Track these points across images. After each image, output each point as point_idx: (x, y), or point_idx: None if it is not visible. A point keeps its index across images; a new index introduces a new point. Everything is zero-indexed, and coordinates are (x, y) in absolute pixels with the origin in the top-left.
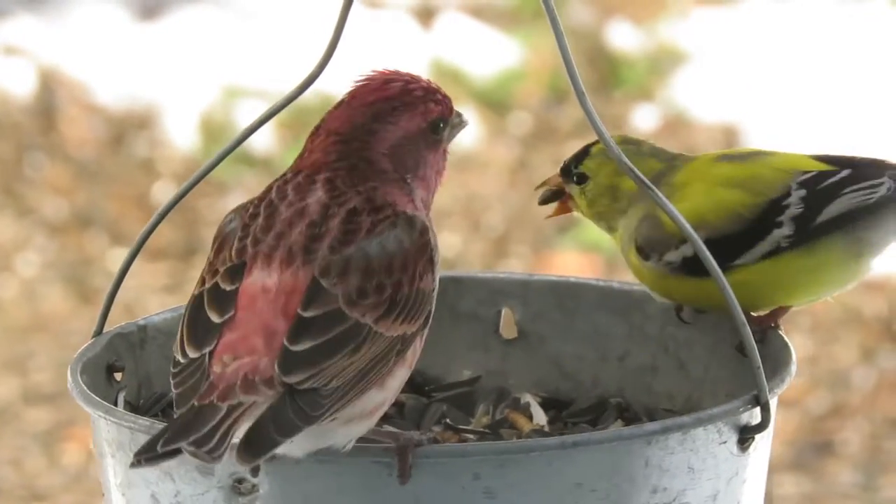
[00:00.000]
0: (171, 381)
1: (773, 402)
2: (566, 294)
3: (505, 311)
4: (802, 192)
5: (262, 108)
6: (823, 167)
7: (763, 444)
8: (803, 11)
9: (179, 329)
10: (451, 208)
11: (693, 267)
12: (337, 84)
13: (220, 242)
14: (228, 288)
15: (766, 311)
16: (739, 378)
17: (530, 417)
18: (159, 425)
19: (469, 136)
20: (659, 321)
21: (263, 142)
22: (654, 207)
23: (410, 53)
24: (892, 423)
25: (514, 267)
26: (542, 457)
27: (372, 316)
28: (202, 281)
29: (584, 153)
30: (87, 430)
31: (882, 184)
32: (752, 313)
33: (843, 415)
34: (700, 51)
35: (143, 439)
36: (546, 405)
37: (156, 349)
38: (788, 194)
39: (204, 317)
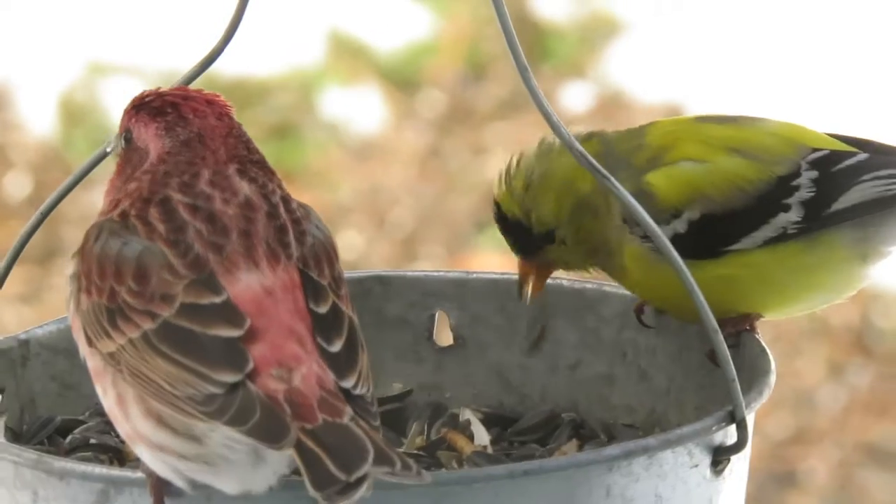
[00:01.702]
0: (216, 416)
1: (751, 419)
2: (509, 294)
3: (439, 315)
4: (814, 174)
5: (131, 86)
6: (836, 145)
7: (739, 466)
8: None
9: (171, 363)
10: (352, 203)
11: (686, 247)
12: (226, 62)
13: (136, 269)
14: (216, 300)
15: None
16: (709, 388)
17: (471, 437)
18: (49, 458)
19: (373, 120)
20: (616, 325)
21: None
22: (640, 182)
23: (304, 25)
24: (865, 448)
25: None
26: (488, 488)
27: (350, 308)
28: (145, 314)
29: (520, 227)
30: None
31: None
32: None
33: (809, 440)
34: (638, 20)
35: (28, 474)
36: (488, 422)
37: (40, 367)
38: (798, 173)
39: (208, 336)
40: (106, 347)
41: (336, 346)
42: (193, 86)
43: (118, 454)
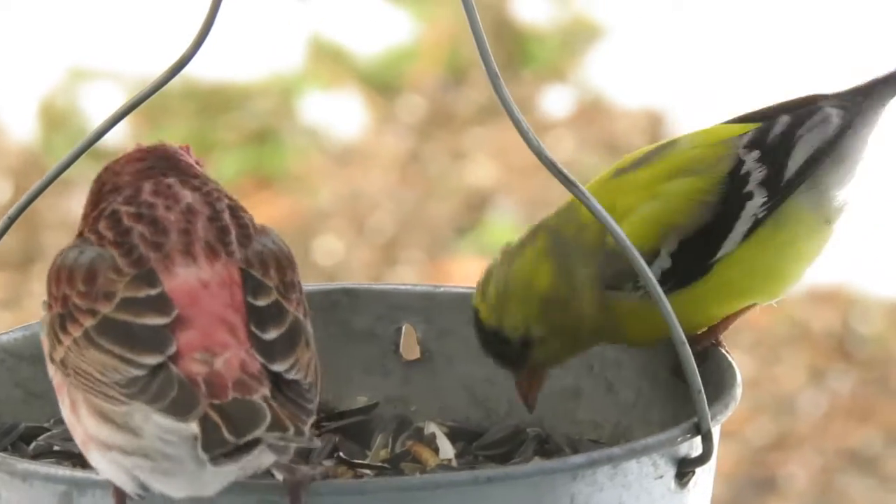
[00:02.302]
0: (136, 396)
1: (716, 431)
2: None
3: (406, 329)
4: (756, 154)
5: (111, 92)
6: (752, 126)
7: (704, 478)
8: None
9: (104, 353)
10: (332, 208)
11: (677, 278)
12: (205, 68)
13: (87, 272)
14: (152, 292)
15: (705, 328)
16: (675, 403)
17: (436, 450)
18: (11, 460)
19: (353, 125)
20: None
21: (113, 131)
22: (606, 245)
23: (285, 30)
24: (845, 454)
25: (407, 276)
26: (452, 494)
27: (300, 312)
28: (88, 312)
29: (498, 337)
30: None
31: (829, 115)
32: (715, 322)
33: (789, 446)
34: (619, 25)
35: None
36: (454, 436)
37: (4, 373)
38: (741, 161)
39: (138, 325)
40: (58, 355)
41: (271, 335)
42: (166, 89)
43: (81, 460)
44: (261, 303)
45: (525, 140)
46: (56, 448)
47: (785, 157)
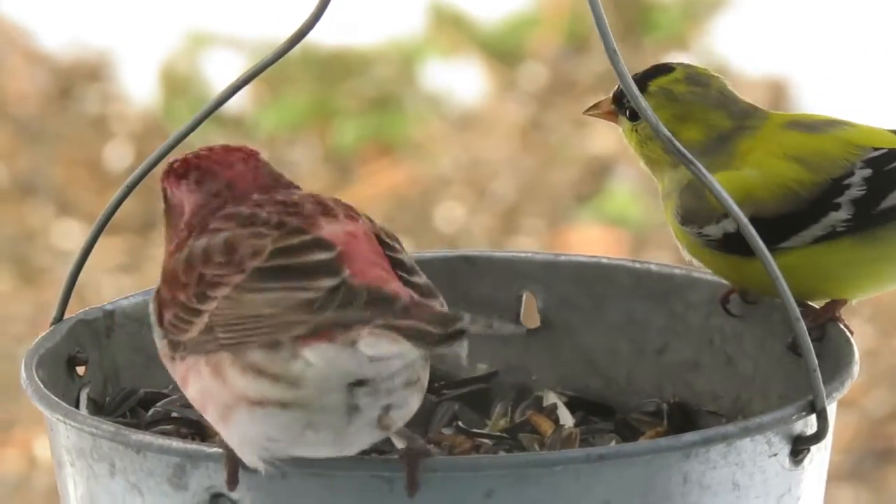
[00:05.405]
0: (324, 310)
1: (832, 409)
2: (596, 278)
3: (526, 297)
4: (867, 172)
5: (232, 57)
6: None
7: (819, 456)
8: None
9: (269, 290)
10: (453, 176)
11: (734, 245)
12: (325, 34)
13: (224, 247)
14: (306, 238)
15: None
16: (794, 377)
17: (556, 420)
18: (126, 431)
19: (474, 92)
20: (703, 310)
21: (234, 98)
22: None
23: None
24: None
25: (527, 243)
26: (567, 471)
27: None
28: (234, 272)
29: (642, 84)
30: (28, 433)
31: None
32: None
33: None
34: None
35: (106, 446)
36: (573, 405)
37: (125, 338)
38: (852, 173)
39: (302, 261)
40: (197, 328)
41: (416, 279)
42: (286, 56)
43: (200, 428)
44: (400, 256)
45: (642, 115)
46: (174, 415)
47: (889, 188)
